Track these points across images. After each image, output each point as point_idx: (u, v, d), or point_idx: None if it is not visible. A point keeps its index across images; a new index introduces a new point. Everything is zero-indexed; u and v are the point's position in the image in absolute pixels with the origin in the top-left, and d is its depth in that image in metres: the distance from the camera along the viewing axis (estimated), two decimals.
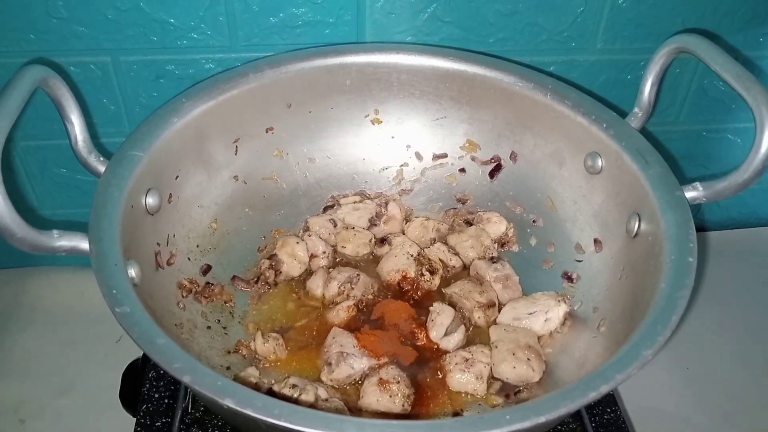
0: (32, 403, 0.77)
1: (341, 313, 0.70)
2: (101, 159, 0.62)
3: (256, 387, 0.62)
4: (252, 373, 0.64)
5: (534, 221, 0.78)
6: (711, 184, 0.62)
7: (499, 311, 0.72)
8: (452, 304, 0.72)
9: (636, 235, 0.65)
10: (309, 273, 0.76)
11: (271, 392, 0.61)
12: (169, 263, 0.67)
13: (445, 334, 0.68)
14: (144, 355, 0.74)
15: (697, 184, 0.62)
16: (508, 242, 0.79)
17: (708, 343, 0.86)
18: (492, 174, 0.80)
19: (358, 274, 0.73)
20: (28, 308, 0.87)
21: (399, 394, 0.62)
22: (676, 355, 0.84)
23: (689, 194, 0.62)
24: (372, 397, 0.62)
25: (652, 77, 0.69)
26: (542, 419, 0.44)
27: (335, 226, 0.79)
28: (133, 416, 0.68)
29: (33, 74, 0.54)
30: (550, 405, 0.45)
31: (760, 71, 0.88)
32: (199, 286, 0.69)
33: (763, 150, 0.57)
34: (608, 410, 0.69)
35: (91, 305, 0.87)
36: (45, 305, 0.88)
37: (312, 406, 0.60)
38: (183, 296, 0.67)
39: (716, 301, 0.91)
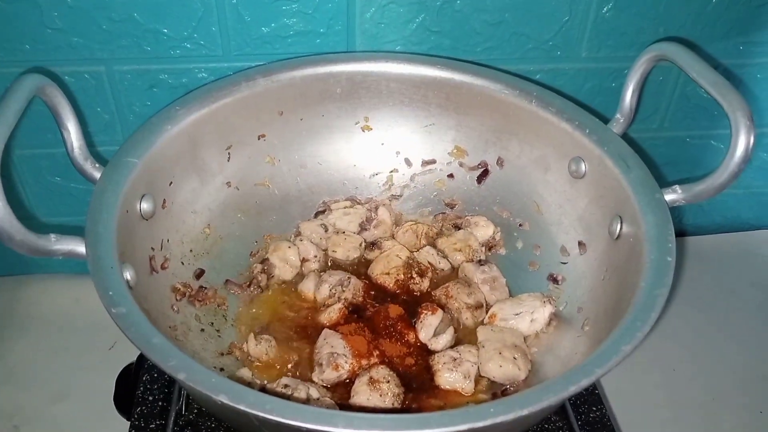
0: (27, 410, 0.78)
1: (332, 315, 0.71)
2: (97, 165, 0.63)
3: (248, 387, 0.62)
4: (245, 374, 0.65)
5: (520, 225, 0.79)
6: (689, 186, 0.63)
7: (487, 312, 0.73)
8: (441, 306, 0.72)
9: (618, 236, 0.66)
10: (301, 276, 0.77)
11: (264, 391, 0.62)
12: (163, 267, 0.67)
13: (434, 335, 0.69)
14: (138, 358, 0.75)
15: (677, 187, 0.64)
16: (495, 245, 0.80)
17: (694, 345, 0.87)
18: (479, 179, 0.82)
19: (348, 277, 0.74)
20: (23, 316, 0.88)
21: (389, 393, 0.63)
22: (662, 357, 0.85)
23: (669, 197, 0.63)
24: (363, 396, 0.63)
25: (633, 84, 0.70)
26: (525, 411, 0.45)
27: (326, 230, 0.80)
28: (128, 420, 0.69)
29: (30, 82, 0.55)
30: (533, 398, 0.46)
31: (740, 80, 0.89)
32: (192, 290, 0.70)
33: (738, 153, 0.58)
34: (594, 408, 0.70)
35: (84, 312, 0.87)
36: (39, 313, 0.88)
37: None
38: (177, 299, 0.68)
39: (702, 304, 0.92)
